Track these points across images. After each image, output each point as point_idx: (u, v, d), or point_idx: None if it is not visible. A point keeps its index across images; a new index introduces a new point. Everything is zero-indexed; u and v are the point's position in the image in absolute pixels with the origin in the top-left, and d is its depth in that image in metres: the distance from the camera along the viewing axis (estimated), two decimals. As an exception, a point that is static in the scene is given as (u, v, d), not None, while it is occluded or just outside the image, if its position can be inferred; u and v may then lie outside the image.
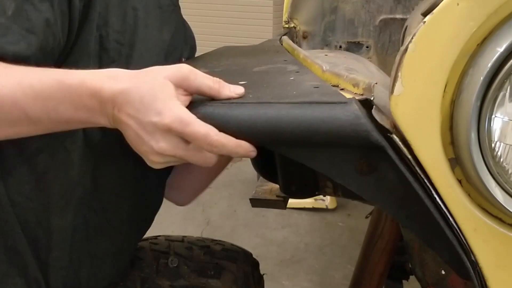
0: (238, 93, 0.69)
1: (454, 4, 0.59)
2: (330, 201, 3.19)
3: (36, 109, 0.69)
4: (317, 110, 0.62)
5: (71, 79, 0.69)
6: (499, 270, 0.66)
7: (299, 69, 0.89)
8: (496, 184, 0.62)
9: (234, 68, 0.97)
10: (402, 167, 0.62)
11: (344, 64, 0.97)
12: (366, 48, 1.57)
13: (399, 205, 0.66)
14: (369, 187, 0.66)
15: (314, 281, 2.58)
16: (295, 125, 0.62)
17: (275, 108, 0.64)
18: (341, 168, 0.66)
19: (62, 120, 0.71)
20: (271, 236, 3.00)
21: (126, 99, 0.66)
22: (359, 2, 1.53)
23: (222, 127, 0.64)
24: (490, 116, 0.60)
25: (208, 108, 0.66)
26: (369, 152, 0.63)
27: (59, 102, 0.68)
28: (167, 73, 0.67)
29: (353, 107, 0.62)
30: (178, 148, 0.66)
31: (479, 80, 0.59)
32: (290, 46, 1.19)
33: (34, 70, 0.70)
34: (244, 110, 0.65)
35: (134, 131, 0.66)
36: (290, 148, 0.67)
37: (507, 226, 0.65)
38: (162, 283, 1.12)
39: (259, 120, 0.63)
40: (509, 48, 0.58)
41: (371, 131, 0.61)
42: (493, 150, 0.61)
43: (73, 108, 0.69)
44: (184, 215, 3.13)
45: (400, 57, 0.62)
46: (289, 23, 1.53)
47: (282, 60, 1.01)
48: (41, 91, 0.68)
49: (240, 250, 1.35)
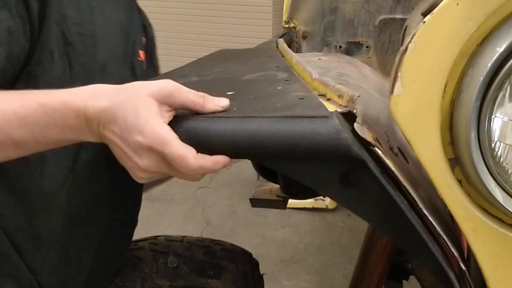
0: (223, 106, 0.70)
1: (454, 4, 0.59)
2: (330, 201, 3.19)
3: (23, 134, 0.69)
4: (299, 125, 0.63)
5: (53, 101, 0.68)
6: (499, 270, 0.66)
7: (288, 77, 0.90)
8: (496, 184, 0.62)
9: (225, 76, 0.99)
10: (383, 180, 0.62)
11: (336, 69, 0.97)
12: (366, 48, 1.57)
13: (382, 217, 0.67)
14: (352, 199, 0.67)
15: (314, 281, 2.58)
16: (277, 140, 0.63)
17: (257, 122, 0.64)
18: (325, 181, 0.67)
19: (51, 142, 0.72)
20: (271, 236, 3.00)
21: (109, 117, 0.66)
22: (359, 2, 1.54)
23: (205, 141, 0.65)
24: (490, 116, 0.60)
25: (191, 123, 0.67)
26: (351, 165, 0.64)
27: (45, 127, 0.69)
28: (151, 90, 0.67)
29: (334, 121, 0.62)
30: (162, 166, 0.66)
31: (479, 80, 0.59)
32: (284, 50, 1.19)
33: (14, 95, 0.71)
34: (226, 125, 0.65)
35: (120, 148, 0.67)
36: (274, 161, 0.67)
37: (507, 226, 0.65)
38: (162, 283, 1.12)
39: (241, 135, 0.64)
40: (508, 48, 0.58)
41: (351, 145, 0.61)
42: (493, 150, 0.61)
43: (60, 130, 0.69)
44: (184, 215, 3.13)
45: (399, 57, 0.62)
46: (289, 23, 1.53)
47: (274, 67, 1.02)
48: (25, 117, 0.68)
49: (240, 250, 1.35)
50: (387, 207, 0.65)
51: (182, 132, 0.65)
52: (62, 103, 0.68)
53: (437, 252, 0.64)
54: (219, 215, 3.23)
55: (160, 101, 0.66)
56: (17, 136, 0.69)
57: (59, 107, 0.68)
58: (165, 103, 0.67)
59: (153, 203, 3.26)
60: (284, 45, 1.25)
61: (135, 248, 1.21)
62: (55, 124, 0.69)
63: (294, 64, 0.99)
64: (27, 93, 0.71)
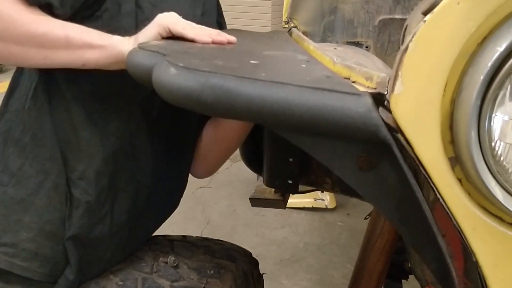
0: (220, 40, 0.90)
1: (455, 4, 0.59)
2: (329, 201, 3.19)
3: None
4: (329, 98, 0.60)
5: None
6: (499, 269, 0.66)
7: (309, 58, 0.87)
8: (496, 183, 0.62)
9: (244, 49, 0.95)
10: (405, 167, 0.61)
11: (353, 59, 0.96)
12: (365, 48, 1.57)
13: (394, 206, 0.66)
14: (367, 184, 0.65)
15: (314, 280, 2.58)
16: (305, 110, 0.60)
17: (286, 89, 0.61)
18: (342, 161, 0.65)
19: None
20: (270, 235, 3.00)
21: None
22: (359, 3, 1.53)
23: (230, 101, 0.62)
24: (490, 115, 0.60)
25: (219, 79, 0.63)
26: (372, 148, 0.62)
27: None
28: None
29: (366, 99, 0.60)
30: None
31: (479, 79, 0.59)
32: (299, 37, 1.18)
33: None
34: (255, 87, 0.62)
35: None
36: (294, 133, 0.65)
37: (506, 225, 0.65)
38: (162, 282, 1.12)
39: (268, 100, 0.61)
40: (509, 48, 0.58)
41: (380, 126, 0.59)
42: (493, 149, 0.61)
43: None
44: (184, 215, 3.13)
45: (400, 56, 0.62)
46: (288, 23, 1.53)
47: (292, 49, 0.99)
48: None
49: (240, 249, 1.35)
50: (403, 195, 0.63)
51: (209, 86, 0.62)
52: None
53: (444, 249, 0.64)
54: (219, 214, 3.23)
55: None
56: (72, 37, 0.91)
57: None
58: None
59: (152, 203, 3.26)
60: (299, 32, 1.24)
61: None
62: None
63: (311, 50, 0.97)
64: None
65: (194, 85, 0.62)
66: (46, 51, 0.91)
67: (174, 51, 0.77)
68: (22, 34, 0.88)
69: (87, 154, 1.03)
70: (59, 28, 0.91)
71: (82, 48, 0.92)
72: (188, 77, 0.63)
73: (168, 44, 0.87)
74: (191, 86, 0.62)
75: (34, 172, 1.03)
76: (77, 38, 0.91)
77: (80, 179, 1.03)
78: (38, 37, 0.89)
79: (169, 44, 0.86)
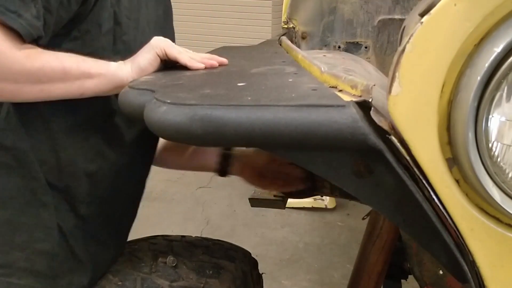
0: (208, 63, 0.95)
1: (451, 5, 0.59)
2: (329, 201, 3.19)
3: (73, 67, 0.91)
4: (315, 113, 0.62)
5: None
6: (496, 269, 0.66)
7: (297, 70, 0.89)
8: (494, 184, 0.62)
9: (232, 70, 0.98)
10: (399, 170, 0.62)
11: (342, 65, 0.97)
12: (364, 48, 1.57)
13: (395, 208, 0.66)
14: (366, 190, 0.66)
15: (313, 280, 2.59)
16: (292, 128, 0.62)
17: (272, 110, 0.63)
18: (338, 171, 0.66)
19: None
20: (270, 235, 3.00)
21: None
22: (358, 3, 1.54)
23: (220, 129, 0.64)
24: (488, 116, 0.60)
25: (207, 110, 0.66)
26: (366, 155, 0.63)
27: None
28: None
29: (351, 110, 0.61)
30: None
31: (476, 80, 0.59)
32: (288, 46, 1.19)
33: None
34: (242, 113, 0.64)
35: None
36: (288, 151, 0.67)
37: (504, 226, 0.66)
38: (161, 282, 1.12)
39: (256, 123, 0.63)
40: (506, 49, 0.59)
41: (368, 134, 0.61)
42: (491, 150, 0.61)
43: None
44: (183, 215, 3.13)
45: (397, 57, 0.62)
46: (288, 24, 1.53)
47: (281, 61, 1.01)
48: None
49: (239, 249, 1.35)
50: (402, 197, 0.64)
51: (198, 118, 0.64)
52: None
53: (451, 243, 0.64)
54: (219, 214, 3.23)
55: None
56: (69, 67, 0.89)
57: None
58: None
59: (153, 203, 3.26)
60: (288, 41, 1.25)
61: (134, 248, 1.22)
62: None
63: (300, 60, 0.99)
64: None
65: (183, 120, 0.64)
66: (42, 85, 0.88)
67: (162, 86, 0.80)
68: (18, 72, 0.84)
69: (70, 172, 1.02)
70: (54, 60, 0.88)
71: (79, 79, 0.90)
72: (176, 112, 0.65)
73: (157, 78, 0.90)
74: (180, 121, 0.64)
75: (20, 192, 0.99)
76: (74, 68, 0.89)
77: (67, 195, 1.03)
78: (35, 72, 0.86)
79: (158, 79, 0.90)
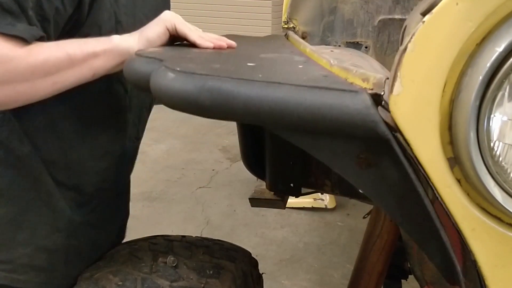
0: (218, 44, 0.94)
1: (453, 4, 0.59)
2: (329, 201, 3.19)
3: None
4: (327, 96, 0.60)
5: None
6: (498, 269, 0.66)
7: (306, 60, 0.87)
8: (495, 184, 0.62)
9: (241, 53, 0.96)
10: (405, 163, 0.61)
11: (350, 61, 0.96)
12: (365, 48, 1.57)
13: (396, 202, 0.66)
14: (368, 181, 0.65)
15: (313, 280, 2.58)
16: (302, 109, 0.60)
17: (284, 89, 0.61)
18: (342, 159, 0.65)
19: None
20: (270, 235, 3.00)
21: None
22: (358, 3, 1.53)
23: (228, 102, 0.62)
24: (489, 116, 0.60)
25: (217, 81, 0.63)
26: (372, 145, 0.62)
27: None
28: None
29: (364, 96, 0.60)
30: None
31: (478, 79, 0.59)
32: (296, 40, 1.19)
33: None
34: (252, 88, 0.62)
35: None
36: (294, 133, 0.65)
37: (505, 226, 0.66)
38: (161, 282, 1.12)
39: (266, 100, 0.61)
40: (508, 48, 0.58)
41: (379, 122, 0.59)
42: (492, 150, 0.61)
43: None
44: (183, 215, 3.13)
45: (399, 56, 0.62)
46: (288, 24, 1.53)
47: (289, 51, 1.00)
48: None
49: (239, 249, 1.35)
50: (403, 192, 0.63)
51: (207, 89, 0.62)
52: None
53: (447, 243, 0.64)
54: (219, 214, 3.23)
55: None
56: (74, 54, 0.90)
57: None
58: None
59: (153, 203, 3.26)
60: (295, 36, 1.24)
61: (134, 248, 1.21)
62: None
63: (308, 53, 0.98)
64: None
65: (192, 89, 0.62)
66: (53, 77, 0.88)
67: (171, 56, 0.78)
68: (24, 69, 0.85)
69: (79, 170, 1.03)
70: (56, 49, 0.89)
71: (86, 61, 0.90)
72: (185, 81, 0.63)
73: (165, 50, 0.88)
74: (189, 90, 0.63)
75: (24, 191, 1.01)
76: (78, 52, 0.89)
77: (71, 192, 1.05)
78: (41, 65, 0.87)
79: (166, 50, 0.87)
